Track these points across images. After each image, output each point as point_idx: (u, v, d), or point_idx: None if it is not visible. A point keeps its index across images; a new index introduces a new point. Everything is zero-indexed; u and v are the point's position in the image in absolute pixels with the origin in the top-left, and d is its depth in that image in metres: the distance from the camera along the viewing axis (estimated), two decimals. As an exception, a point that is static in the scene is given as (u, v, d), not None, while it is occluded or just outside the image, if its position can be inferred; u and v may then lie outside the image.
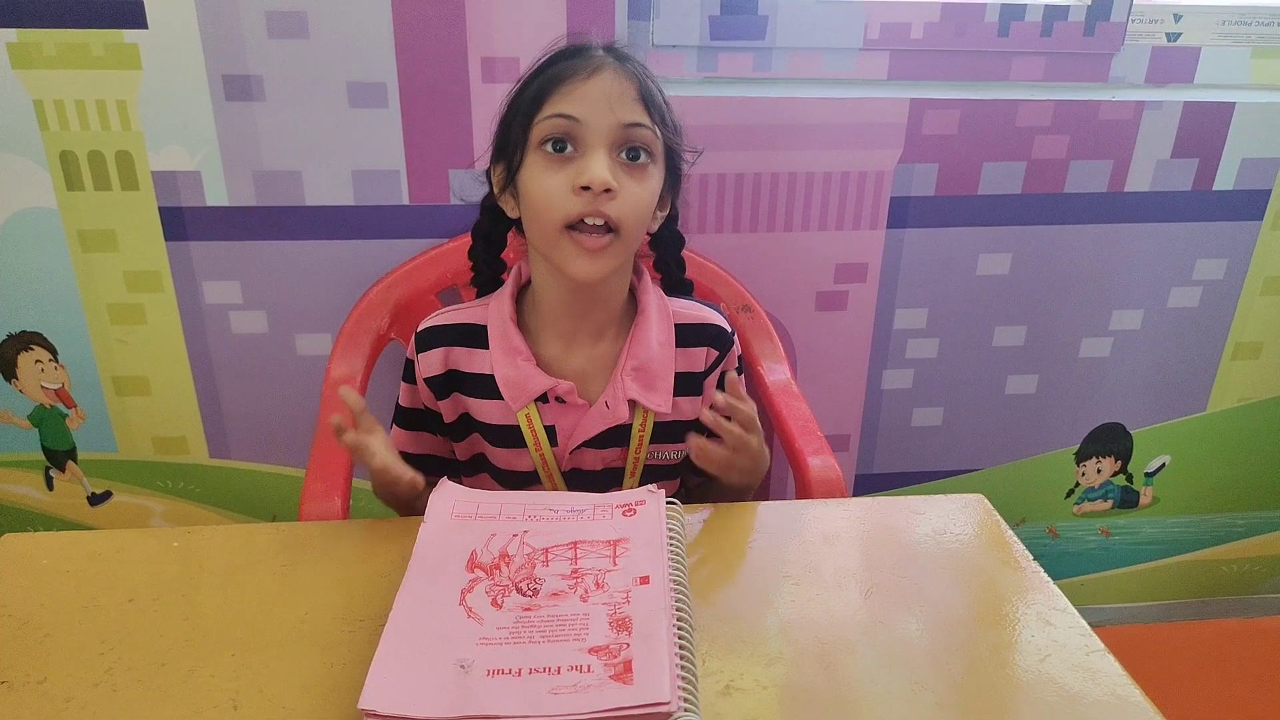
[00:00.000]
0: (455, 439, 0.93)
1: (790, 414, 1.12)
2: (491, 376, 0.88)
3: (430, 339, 0.89)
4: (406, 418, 0.94)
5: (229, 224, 1.23)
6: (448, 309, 0.93)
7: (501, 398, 0.87)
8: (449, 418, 0.91)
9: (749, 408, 0.80)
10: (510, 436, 0.88)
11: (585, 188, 0.77)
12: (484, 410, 0.89)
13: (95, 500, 1.39)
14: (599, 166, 0.77)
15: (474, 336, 0.89)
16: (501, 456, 0.90)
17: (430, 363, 0.89)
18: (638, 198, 0.81)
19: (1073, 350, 1.46)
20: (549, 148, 0.79)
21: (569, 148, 0.79)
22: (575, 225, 0.79)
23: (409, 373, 0.92)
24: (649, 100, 0.80)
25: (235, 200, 1.22)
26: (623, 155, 0.80)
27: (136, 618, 0.64)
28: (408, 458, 0.96)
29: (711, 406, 0.79)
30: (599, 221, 0.78)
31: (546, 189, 0.79)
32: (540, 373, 0.86)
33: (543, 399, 0.87)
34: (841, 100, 1.26)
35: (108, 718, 0.56)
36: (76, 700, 0.57)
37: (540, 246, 0.84)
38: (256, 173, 1.20)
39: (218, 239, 1.23)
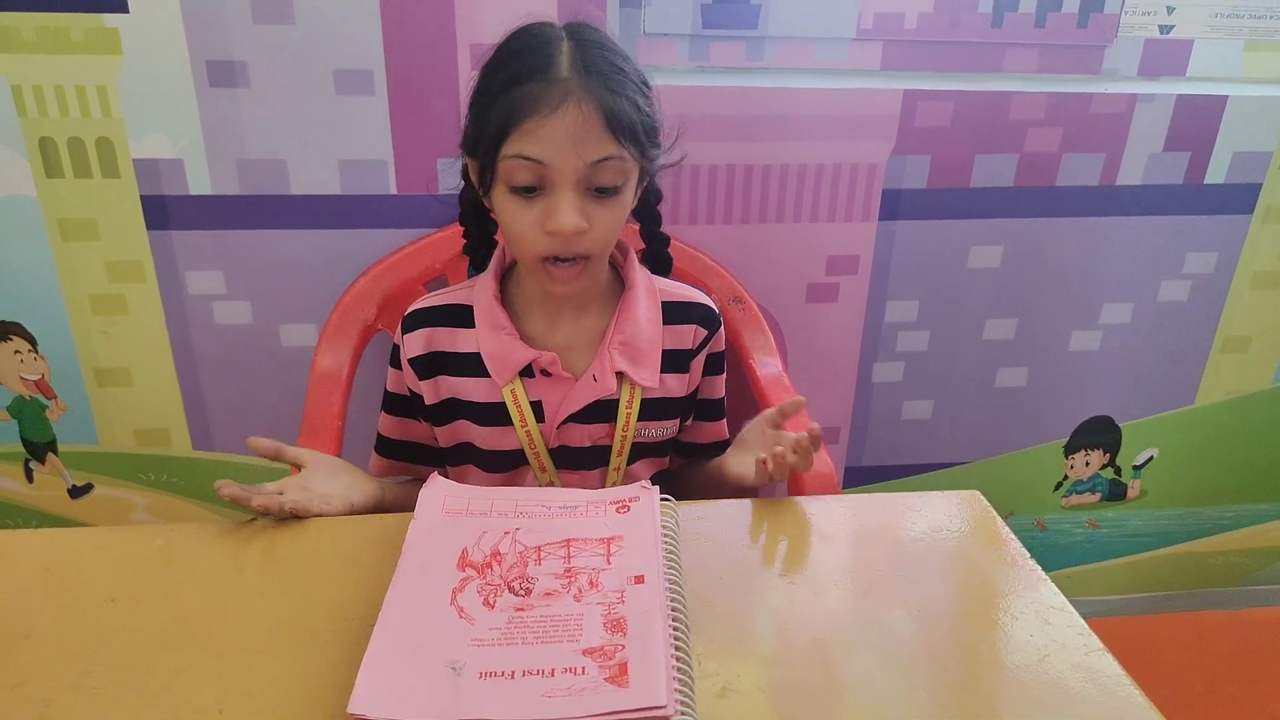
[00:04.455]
0: (438, 424, 0.92)
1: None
2: (477, 355, 0.88)
3: (415, 321, 0.90)
4: (392, 403, 0.95)
5: (212, 213, 1.21)
6: (434, 292, 0.93)
7: (488, 376, 0.87)
8: (430, 400, 0.90)
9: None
10: (496, 415, 0.88)
11: (554, 232, 0.77)
12: (470, 389, 0.89)
13: (76, 493, 1.37)
14: (567, 213, 0.76)
15: (459, 317, 0.89)
16: (488, 437, 0.90)
17: (413, 344, 0.89)
18: (609, 225, 0.81)
19: (1062, 343, 1.45)
20: (516, 189, 0.78)
21: (536, 188, 0.78)
22: (549, 258, 0.80)
23: (395, 357, 0.92)
24: (618, 126, 0.76)
25: (219, 189, 1.19)
26: (593, 189, 0.78)
27: (118, 618, 0.63)
28: (392, 444, 0.96)
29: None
30: (570, 260, 0.80)
31: (518, 225, 0.79)
32: (523, 345, 0.87)
33: (528, 374, 0.87)
34: (834, 91, 1.24)
35: (89, 722, 0.54)
36: (56, 703, 0.55)
37: (519, 261, 0.86)
38: (240, 161, 1.18)
39: (201, 228, 1.21)
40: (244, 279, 1.24)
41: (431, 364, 0.89)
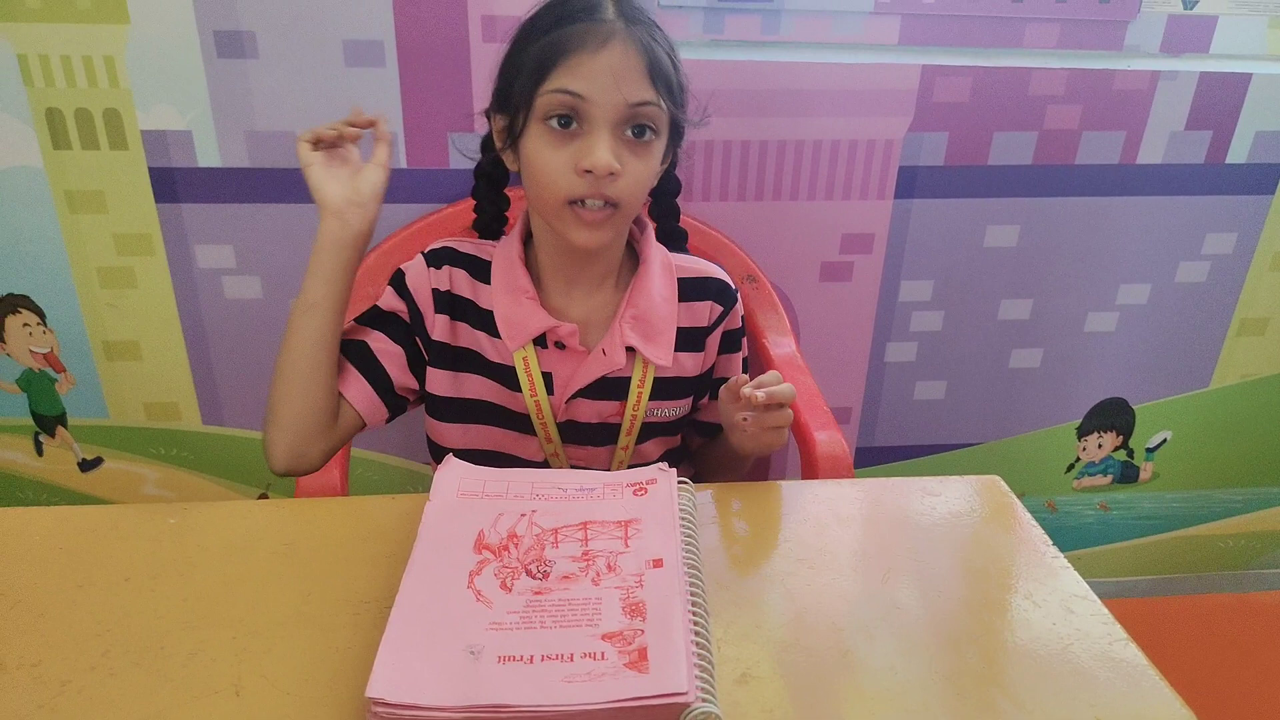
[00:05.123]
0: (443, 367, 0.88)
1: (796, 388, 1.10)
2: (490, 313, 0.86)
3: (444, 257, 0.88)
4: (372, 316, 0.88)
5: (222, 186, 1.19)
6: (457, 239, 0.91)
7: (498, 336, 0.86)
8: (438, 336, 0.87)
9: (786, 391, 0.78)
10: (506, 378, 0.87)
11: (588, 170, 0.76)
12: (482, 346, 0.87)
13: (86, 466, 1.36)
14: (603, 151, 0.76)
15: (480, 271, 0.88)
16: (498, 396, 0.88)
17: (440, 277, 0.87)
18: (640, 176, 0.80)
19: (1078, 324, 1.44)
20: (553, 123, 0.77)
21: (573, 124, 0.77)
22: (576, 200, 0.78)
23: (398, 278, 0.88)
24: (657, 74, 0.77)
25: (228, 161, 1.18)
26: (628, 132, 0.78)
27: (133, 598, 0.62)
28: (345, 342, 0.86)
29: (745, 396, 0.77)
30: (599, 203, 0.78)
31: (549, 165, 0.78)
32: (543, 311, 0.85)
33: (541, 344, 0.86)
34: (851, 65, 1.23)
35: (105, 702, 0.54)
36: (73, 684, 0.55)
37: (541, 213, 0.83)
38: (249, 133, 1.17)
39: (210, 201, 1.20)
40: (254, 253, 1.24)
41: (451, 305, 0.87)
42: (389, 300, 0.89)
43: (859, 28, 1.24)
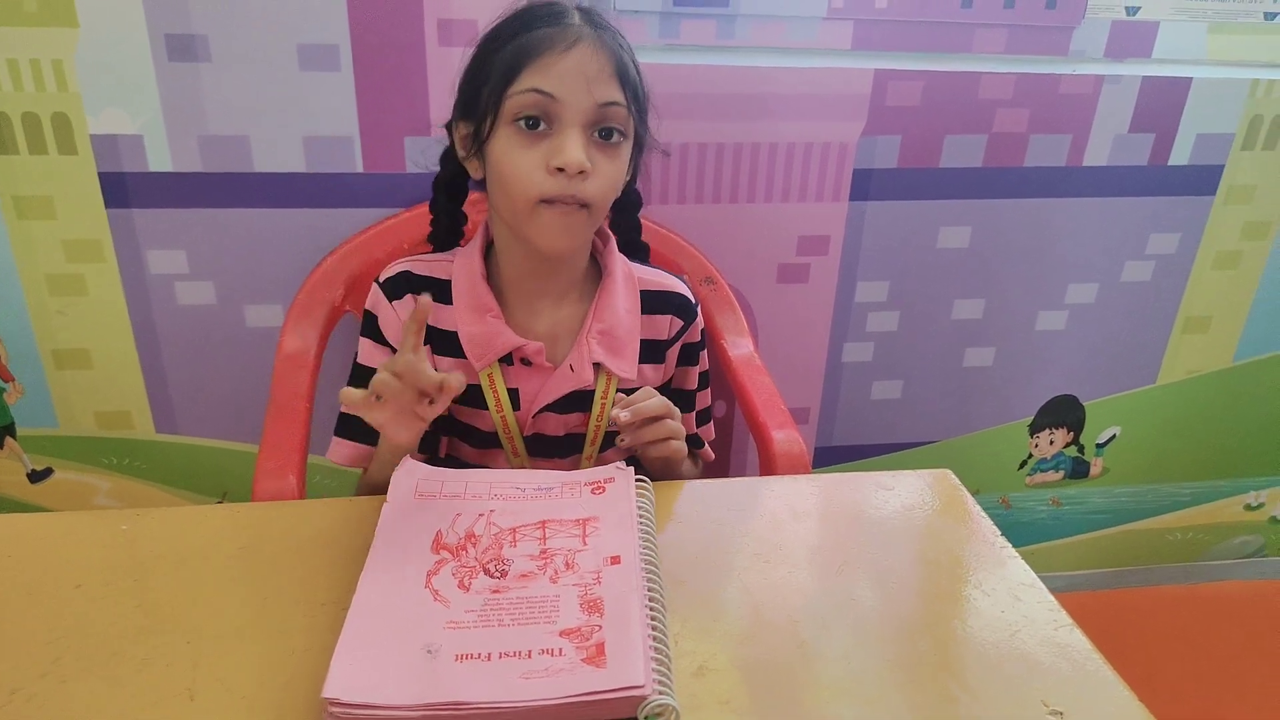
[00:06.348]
0: None
1: (754, 388, 1.11)
2: (454, 334, 0.86)
3: (402, 286, 0.87)
4: (366, 377, 0.87)
5: (174, 191, 1.18)
6: (410, 259, 0.90)
7: (463, 356, 0.85)
8: None
9: (653, 405, 0.79)
10: (471, 396, 0.86)
11: (560, 169, 0.76)
12: (445, 368, 0.86)
13: (35, 477, 1.34)
14: (574, 149, 0.76)
15: (439, 292, 0.87)
16: (463, 414, 0.88)
17: (405, 309, 0.86)
18: (610, 177, 0.80)
19: (1029, 323, 1.47)
20: (522, 124, 0.77)
21: (543, 124, 0.77)
22: (548, 200, 0.78)
23: (372, 327, 0.88)
24: (624, 76, 0.79)
25: (180, 166, 1.17)
26: (596, 134, 0.78)
27: (85, 605, 0.61)
28: (364, 426, 0.87)
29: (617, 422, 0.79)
30: (569, 202, 0.78)
31: (519, 166, 0.78)
32: (509, 330, 0.85)
33: (507, 361, 0.86)
34: (805, 70, 1.24)
35: (57, 710, 0.53)
36: (23, 691, 0.54)
37: (509, 218, 0.83)
38: (202, 137, 1.16)
39: (162, 206, 1.19)
40: (207, 259, 1.22)
41: (426, 333, 0.87)
42: (372, 355, 0.88)
43: (812, 33, 1.26)
